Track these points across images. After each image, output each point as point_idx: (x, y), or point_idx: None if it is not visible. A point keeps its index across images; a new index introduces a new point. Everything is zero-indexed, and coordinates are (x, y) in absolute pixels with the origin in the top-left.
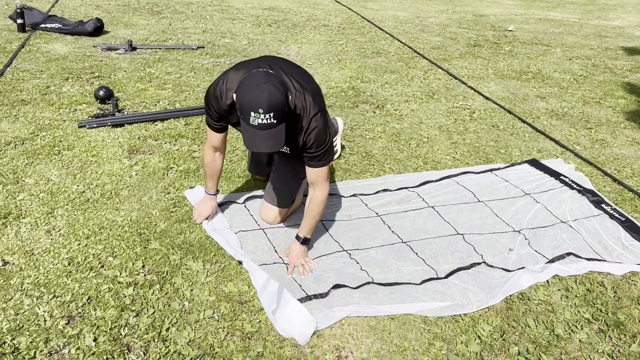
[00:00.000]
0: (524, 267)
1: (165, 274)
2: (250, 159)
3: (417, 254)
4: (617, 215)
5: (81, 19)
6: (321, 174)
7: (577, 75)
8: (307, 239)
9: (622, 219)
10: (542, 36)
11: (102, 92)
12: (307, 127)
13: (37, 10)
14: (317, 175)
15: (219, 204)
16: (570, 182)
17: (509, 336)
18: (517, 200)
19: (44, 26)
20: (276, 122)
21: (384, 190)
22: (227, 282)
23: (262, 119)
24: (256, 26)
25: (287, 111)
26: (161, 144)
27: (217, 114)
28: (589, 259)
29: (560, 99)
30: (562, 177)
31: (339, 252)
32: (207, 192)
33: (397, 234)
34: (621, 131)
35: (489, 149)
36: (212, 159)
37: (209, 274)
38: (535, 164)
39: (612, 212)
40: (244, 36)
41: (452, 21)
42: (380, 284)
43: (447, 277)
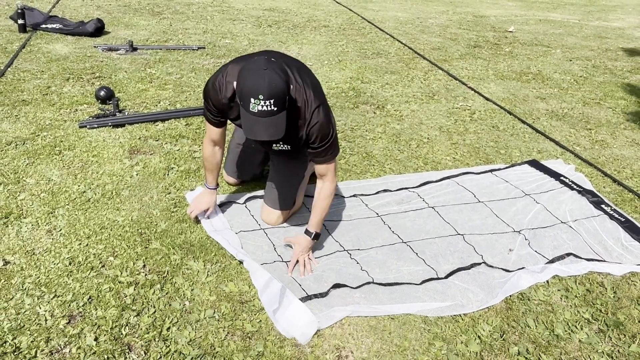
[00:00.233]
0: (524, 268)
1: (166, 273)
2: (234, 158)
3: (417, 254)
4: (616, 215)
5: (82, 19)
6: (330, 168)
7: (577, 76)
8: (317, 234)
9: (622, 220)
10: (542, 37)
11: (103, 93)
12: (309, 121)
13: (38, 10)
14: (325, 169)
15: (220, 205)
16: (570, 183)
17: (509, 336)
18: (517, 200)
19: (44, 26)
20: (277, 109)
21: (385, 190)
22: (228, 282)
23: (262, 106)
24: (257, 27)
25: (288, 100)
26: (162, 144)
27: (215, 108)
28: (588, 260)
29: (560, 99)
30: (562, 178)
31: (340, 252)
32: (206, 186)
33: (397, 234)
34: (621, 132)
35: (489, 150)
36: (212, 153)
37: (209, 273)
38: (535, 164)
39: (612, 212)
40: (244, 37)
41: (453, 22)
42: (380, 284)
43: (447, 277)
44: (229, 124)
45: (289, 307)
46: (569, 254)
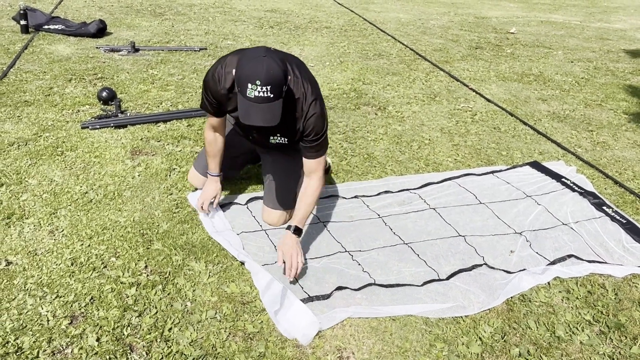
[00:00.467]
0: (525, 269)
1: (167, 274)
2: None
3: (418, 255)
4: (618, 217)
5: (84, 20)
6: (319, 163)
7: (578, 77)
8: (299, 229)
9: (623, 221)
10: (543, 39)
11: (105, 94)
12: (306, 113)
13: (40, 11)
14: (315, 165)
15: (221, 205)
16: (571, 185)
17: (510, 338)
18: (519, 202)
19: (47, 27)
20: (273, 96)
21: (386, 191)
22: (229, 282)
23: (259, 91)
24: (258, 28)
25: (285, 90)
26: (164, 145)
27: (214, 99)
28: (590, 261)
29: (561, 101)
30: (563, 180)
31: (341, 252)
32: (210, 174)
33: (398, 235)
34: (622, 134)
35: (491, 151)
36: (213, 139)
37: (211, 274)
38: (536, 166)
39: (613, 214)
40: (246, 38)
41: (454, 23)
42: (381, 286)
43: (449, 279)
44: None
45: (290, 308)
46: (570, 256)
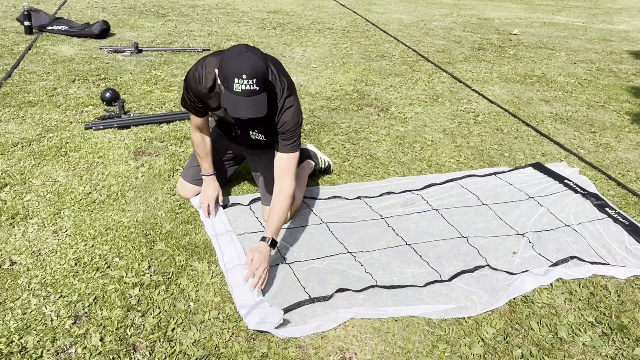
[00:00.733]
0: (527, 270)
1: (170, 274)
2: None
3: (421, 256)
4: (621, 219)
5: (87, 21)
6: (291, 162)
7: (581, 79)
8: (274, 241)
9: (626, 223)
10: (546, 40)
11: (108, 94)
12: (282, 106)
13: (44, 12)
14: (285, 162)
15: (223, 206)
16: (574, 186)
17: (513, 339)
18: (521, 203)
19: (50, 28)
20: (259, 89)
21: (388, 192)
22: None
23: (246, 85)
24: (261, 29)
25: (268, 83)
26: (167, 145)
27: (195, 97)
28: (592, 263)
29: (564, 102)
30: (566, 181)
31: (344, 253)
32: (205, 175)
33: (401, 236)
34: (625, 135)
35: (493, 152)
36: (201, 139)
37: (214, 275)
38: (539, 167)
39: (616, 215)
40: (249, 39)
41: (457, 25)
42: (384, 287)
43: (451, 280)
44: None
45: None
46: (572, 257)
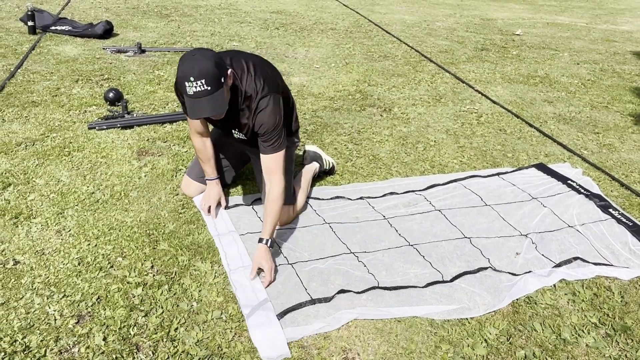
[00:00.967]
0: (530, 271)
1: (173, 274)
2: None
3: (424, 257)
4: (624, 220)
5: (91, 21)
6: (275, 161)
7: (584, 79)
8: (270, 241)
9: (630, 224)
10: (549, 40)
11: (111, 94)
12: (256, 107)
13: (47, 12)
14: (270, 163)
15: (226, 207)
16: (577, 187)
17: (516, 340)
18: (524, 204)
19: (54, 28)
20: (211, 88)
21: (391, 193)
22: None
23: (196, 87)
24: (264, 29)
25: (223, 82)
26: (170, 145)
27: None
28: (596, 264)
29: (567, 103)
30: (569, 182)
31: (346, 254)
32: (208, 179)
33: (404, 237)
34: (629, 136)
35: (496, 153)
36: (202, 144)
37: (217, 274)
38: (542, 168)
39: (619, 216)
40: (251, 39)
41: (460, 25)
42: (385, 288)
43: (454, 281)
44: None
45: (266, 325)
46: (576, 258)
